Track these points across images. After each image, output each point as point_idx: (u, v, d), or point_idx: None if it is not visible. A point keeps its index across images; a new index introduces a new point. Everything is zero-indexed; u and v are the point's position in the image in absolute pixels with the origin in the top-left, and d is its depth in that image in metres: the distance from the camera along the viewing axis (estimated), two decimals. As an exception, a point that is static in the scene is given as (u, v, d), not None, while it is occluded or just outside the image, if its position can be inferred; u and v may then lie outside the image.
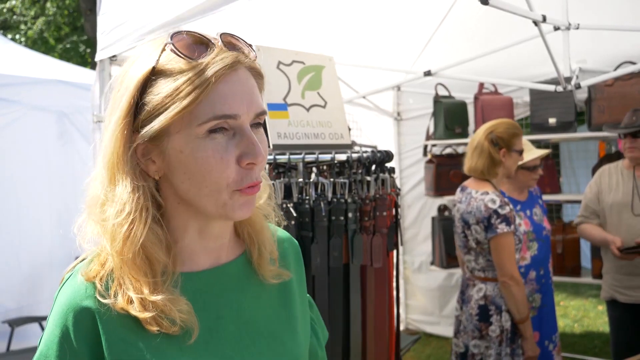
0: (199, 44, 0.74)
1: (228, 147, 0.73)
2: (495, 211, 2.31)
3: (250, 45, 0.79)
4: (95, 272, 0.75)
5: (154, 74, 0.73)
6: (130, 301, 0.72)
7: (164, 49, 0.74)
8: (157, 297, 0.72)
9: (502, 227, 2.30)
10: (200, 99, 0.71)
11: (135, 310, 0.72)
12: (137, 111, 0.74)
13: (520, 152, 2.55)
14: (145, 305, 0.72)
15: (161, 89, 0.72)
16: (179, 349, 0.75)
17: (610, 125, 2.90)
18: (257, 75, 0.79)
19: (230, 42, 0.76)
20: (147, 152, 0.75)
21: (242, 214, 0.77)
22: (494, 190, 2.43)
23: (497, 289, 2.40)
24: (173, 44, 0.73)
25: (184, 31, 0.75)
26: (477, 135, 2.52)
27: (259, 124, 0.78)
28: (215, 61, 0.72)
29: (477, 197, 2.39)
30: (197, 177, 0.73)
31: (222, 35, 0.76)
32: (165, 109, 0.71)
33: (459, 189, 2.57)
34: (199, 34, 0.75)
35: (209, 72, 0.71)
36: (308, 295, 1.04)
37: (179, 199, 0.78)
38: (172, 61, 0.73)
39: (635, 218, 2.73)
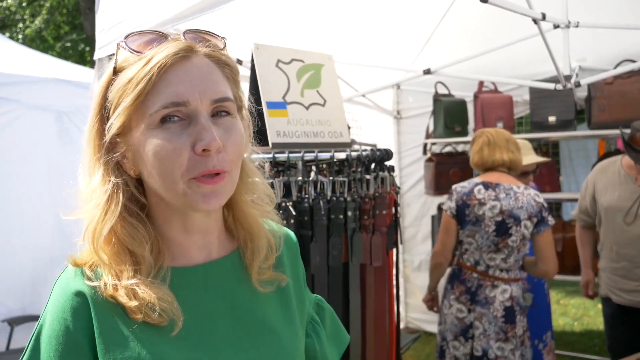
0: (152, 40, 0.76)
1: (181, 135, 0.73)
2: (543, 205, 2.39)
3: (223, 38, 0.81)
4: (84, 261, 0.77)
5: (115, 74, 0.77)
6: (117, 289, 0.74)
7: (118, 49, 0.77)
8: (134, 282, 0.74)
9: (551, 220, 2.38)
10: (147, 89, 0.72)
11: (121, 298, 0.73)
12: (106, 110, 0.77)
13: None
14: (128, 294, 0.73)
15: (117, 85, 0.75)
16: (168, 340, 0.75)
17: (631, 149, 2.64)
18: (222, 63, 0.79)
19: (193, 36, 0.78)
20: (120, 148, 0.78)
21: (207, 205, 0.75)
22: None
23: (520, 290, 2.42)
24: (125, 43, 0.76)
25: (138, 31, 0.77)
26: (501, 131, 2.51)
27: (226, 112, 0.77)
28: (161, 50, 0.74)
29: (522, 192, 2.40)
30: (155, 168, 0.74)
31: (186, 31, 0.78)
32: (121, 103, 0.74)
33: (479, 187, 2.43)
34: (155, 31, 0.77)
35: (153, 61, 0.73)
36: (320, 297, 1.04)
37: (157, 194, 0.79)
38: (127, 59, 0.76)
39: (627, 226, 2.69)
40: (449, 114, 3.80)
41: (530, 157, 2.84)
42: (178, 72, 0.73)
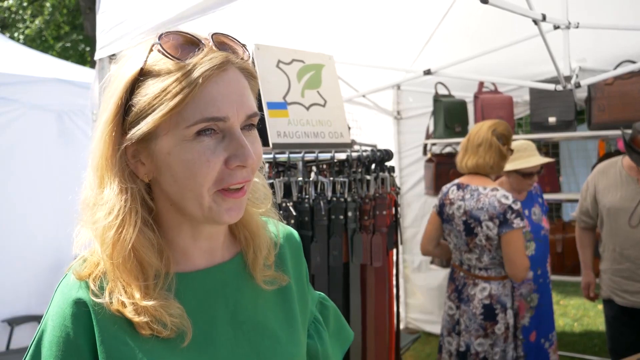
0: (187, 44, 0.73)
1: (216, 149, 0.72)
2: (510, 207, 2.35)
3: (243, 46, 0.78)
4: (88, 272, 0.75)
5: (142, 75, 0.72)
6: (124, 305, 0.72)
7: (151, 50, 0.73)
8: (149, 303, 0.72)
9: (517, 222, 2.34)
10: (187, 101, 0.70)
11: (129, 313, 0.72)
12: (126, 112, 0.73)
13: (511, 152, 2.62)
14: (138, 311, 0.72)
15: (149, 90, 0.71)
16: (172, 351, 0.74)
17: (632, 150, 2.66)
18: (249, 76, 0.78)
19: (221, 42, 0.75)
20: (137, 153, 0.75)
21: (230, 218, 0.75)
22: (500, 186, 2.47)
23: (502, 288, 2.42)
24: (160, 45, 0.72)
25: (173, 31, 0.73)
26: (480, 132, 2.51)
27: (252, 125, 0.77)
28: (203, 61, 0.71)
29: (487, 193, 2.40)
30: (182, 179, 0.72)
31: (214, 35, 0.75)
32: (153, 111, 0.71)
33: (453, 188, 2.55)
34: (188, 33, 0.73)
35: (197, 72, 0.70)
36: (323, 295, 1.04)
37: (170, 201, 0.77)
38: (159, 62, 0.72)
39: (631, 228, 2.68)
40: (449, 115, 3.81)
41: (534, 159, 2.84)
42: (218, 85, 0.72)
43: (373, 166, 1.97)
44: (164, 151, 0.73)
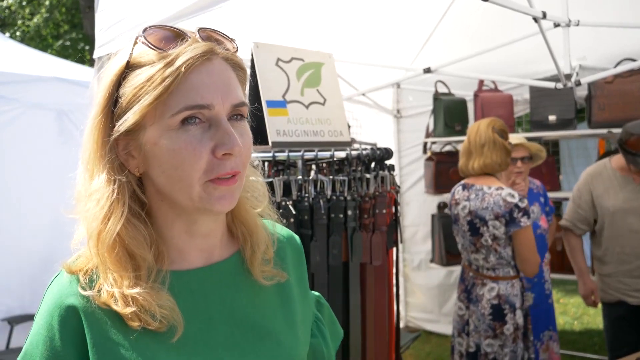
0: (171, 37, 0.74)
1: (203, 138, 0.72)
2: (517, 205, 2.32)
3: (232, 40, 0.78)
4: (80, 267, 0.75)
5: (128, 68, 0.73)
6: (112, 296, 0.71)
7: (136, 43, 0.74)
8: (135, 291, 0.71)
9: (524, 221, 2.32)
10: (171, 89, 0.70)
11: (116, 306, 0.71)
12: (114, 105, 0.74)
13: (512, 146, 2.60)
14: (126, 301, 0.71)
15: (134, 82, 0.72)
16: (165, 347, 0.73)
17: (626, 152, 2.65)
18: (236, 67, 0.78)
19: (207, 35, 0.76)
20: (127, 146, 0.75)
21: (221, 207, 0.75)
22: (506, 185, 2.46)
23: (510, 288, 2.40)
24: (144, 37, 0.73)
25: (157, 25, 0.74)
26: (481, 132, 2.47)
27: (241, 116, 0.77)
28: (186, 51, 0.72)
29: (492, 192, 2.38)
30: (170, 170, 0.72)
31: (200, 29, 0.76)
32: (138, 101, 0.71)
33: (459, 188, 2.54)
34: (172, 27, 0.75)
35: (179, 61, 0.71)
36: (318, 294, 1.03)
37: (162, 196, 0.77)
38: (144, 54, 0.73)
39: None
40: (449, 113, 3.80)
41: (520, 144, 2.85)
42: (202, 74, 0.72)
43: (373, 165, 1.97)
44: (151, 142, 0.73)
